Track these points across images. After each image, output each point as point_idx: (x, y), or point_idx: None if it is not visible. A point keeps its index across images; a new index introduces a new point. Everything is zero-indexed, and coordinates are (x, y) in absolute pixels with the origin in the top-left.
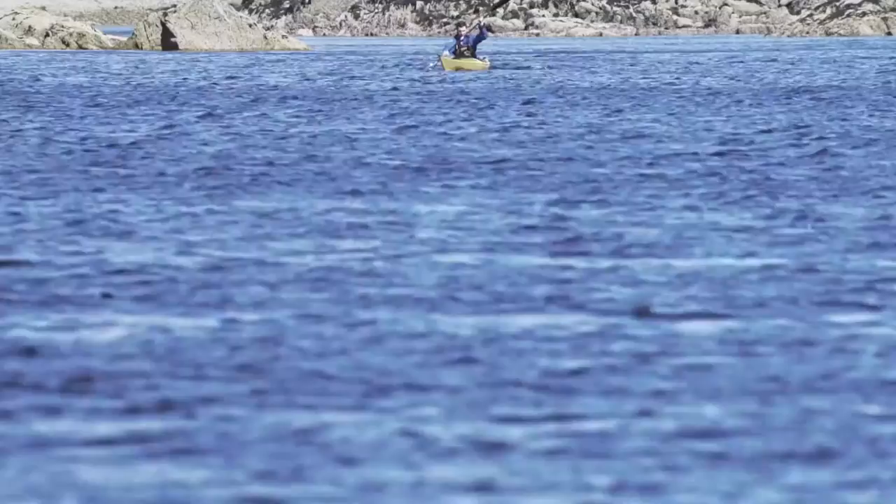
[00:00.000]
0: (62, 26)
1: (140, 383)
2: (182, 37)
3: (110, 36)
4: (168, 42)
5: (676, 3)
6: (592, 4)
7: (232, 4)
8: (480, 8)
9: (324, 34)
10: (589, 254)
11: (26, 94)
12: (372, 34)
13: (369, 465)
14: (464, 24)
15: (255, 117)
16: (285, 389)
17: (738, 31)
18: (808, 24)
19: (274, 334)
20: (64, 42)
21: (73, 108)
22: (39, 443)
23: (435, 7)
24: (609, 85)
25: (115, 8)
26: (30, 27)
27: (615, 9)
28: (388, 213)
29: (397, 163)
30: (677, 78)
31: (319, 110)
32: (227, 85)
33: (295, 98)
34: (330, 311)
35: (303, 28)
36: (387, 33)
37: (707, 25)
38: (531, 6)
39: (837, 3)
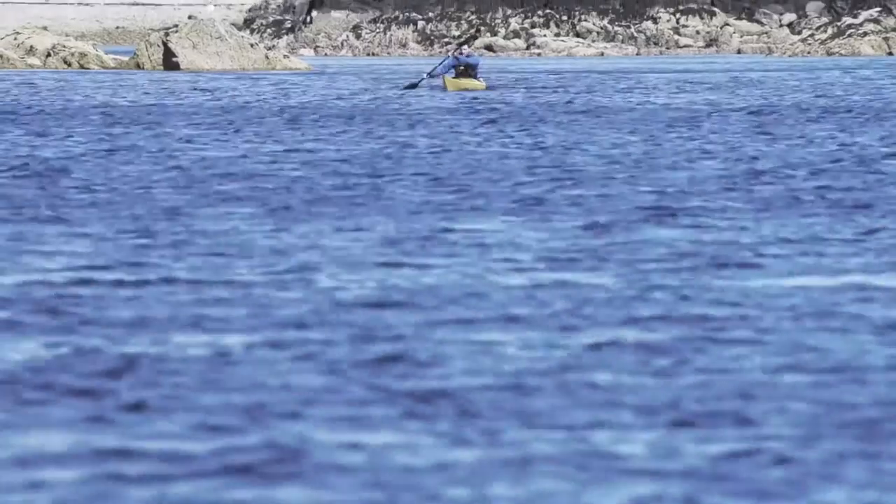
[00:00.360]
0: (64, 46)
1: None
2: (184, 56)
3: (112, 56)
4: (169, 62)
5: (678, 23)
6: (594, 24)
7: (233, 24)
8: (482, 28)
9: (325, 54)
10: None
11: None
12: (373, 54)
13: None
14: (465, 44)
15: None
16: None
17: (739, 51)
18: (810, 45)
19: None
20: (66, 62)
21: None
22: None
23: (436, 27)
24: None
25: (117, 28)
26: (31, 47)
27: (616, 29)
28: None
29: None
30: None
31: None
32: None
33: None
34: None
35: (304, 48)
36: (388, 53)
37: (708, 45)
38: (532, 26)
39: (839, 24)
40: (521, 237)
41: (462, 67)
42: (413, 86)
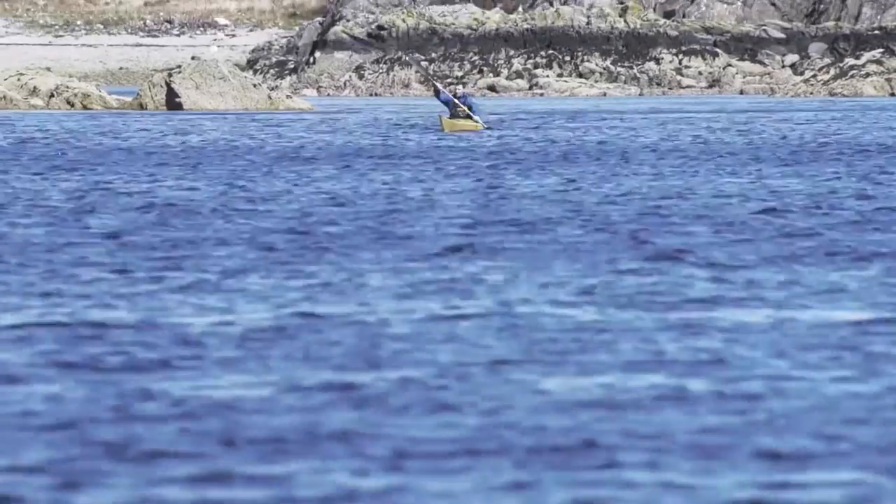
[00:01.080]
0: (67, 87)
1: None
2: (187, 97)
3: (115, 96)
4: (172, 102)
5: (680, 63)
6: (596, 65)
7: (237, 65)
8: (485, 68)
9: (328, 94)
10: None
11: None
12: (376, 94)
13: None
14: (461, 84)
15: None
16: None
17: (741, 92)
18: (812, 85)
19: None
20: (69, 102)
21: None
22: None
23: (439, 67)
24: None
25: (120, 69)
26: (34, 88)
27: (619, 69)
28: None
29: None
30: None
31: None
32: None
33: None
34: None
35: (307, 88)
36: (391, 93)
37: (711, 86)
38: (535, 67)
39: (841, 65)
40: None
41: (460, 108)
42: (425, 74)
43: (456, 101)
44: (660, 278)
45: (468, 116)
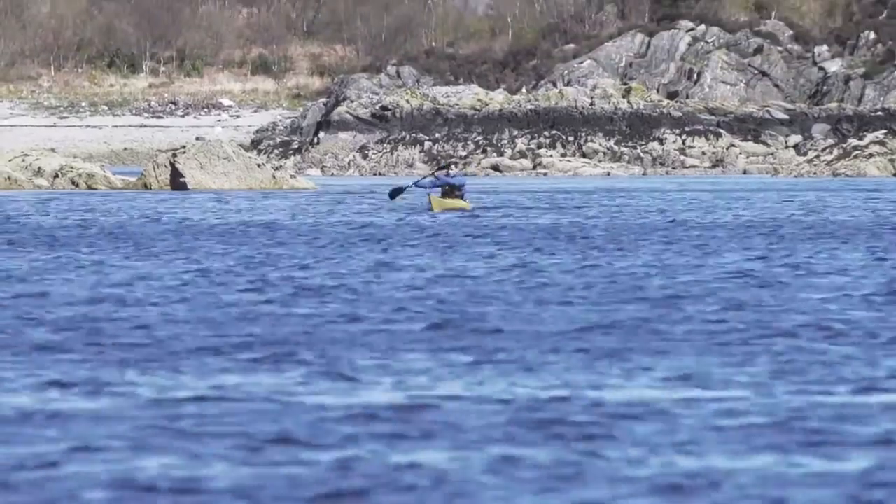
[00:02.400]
0: (71, 167)
1: None
2: (191, 177)
3: (119, 176)
4: (177, 182)
5: (684, 143)
6: (600, 145)
7: (241, 145)
8: (488, 148)
9: (332, 174)
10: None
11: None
12: (380, 174)
13: None
14: (452, 164)
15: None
16: None
17: (745, 172)
18: (816, 165)
19: None
20: (73, 182)
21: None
22: None
23: (443, 147)
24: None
25: (125, 149)
26: (39, 168)
27: (623, 149)
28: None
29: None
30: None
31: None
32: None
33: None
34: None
35: (311, 168)
36: (395, 173)
37: (714, 166)
38: (539, 146)
39: (844, 145)
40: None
41: (448, 188)
42: (399, 190)
43: (449, 182)
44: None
45: (459, 196)
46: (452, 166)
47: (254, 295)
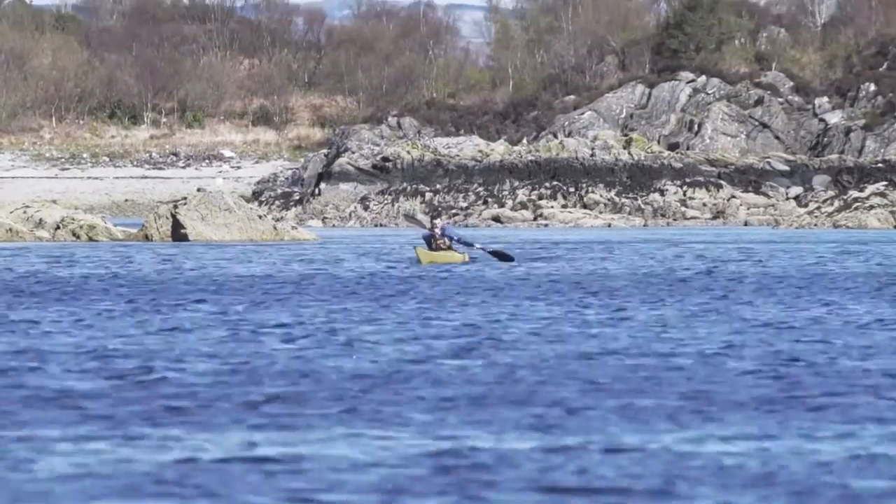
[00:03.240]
0: (73, 219)
1: None
2: (192, 228)
3: (120, 228)
4: (178, 233)
5: (685, 195)
6: (601, 196)
7: (242, 196)
8: (489, 199)
9: (333, 225)
10: None
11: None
12: (381, 225)
13: None
14: (440, 215)
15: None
16: None
17: (746, 223)
18: (816, 217)
19: None
20: (74, 234)
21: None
22: None
23: (444, 198)
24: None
25: (126, 200)
26: (40, 220)
27: (624, 200)
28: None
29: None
30: None
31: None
32: None
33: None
34: None
35: (312, 219)
36: (396, 224)
37: (715, 217)
38: (540, 197)
39: (845, 197)
40: None
41: (440, 240)
42: (412, 219)
43: (434, 233)
44: None
45: (449, 248)
46: (438, 219)
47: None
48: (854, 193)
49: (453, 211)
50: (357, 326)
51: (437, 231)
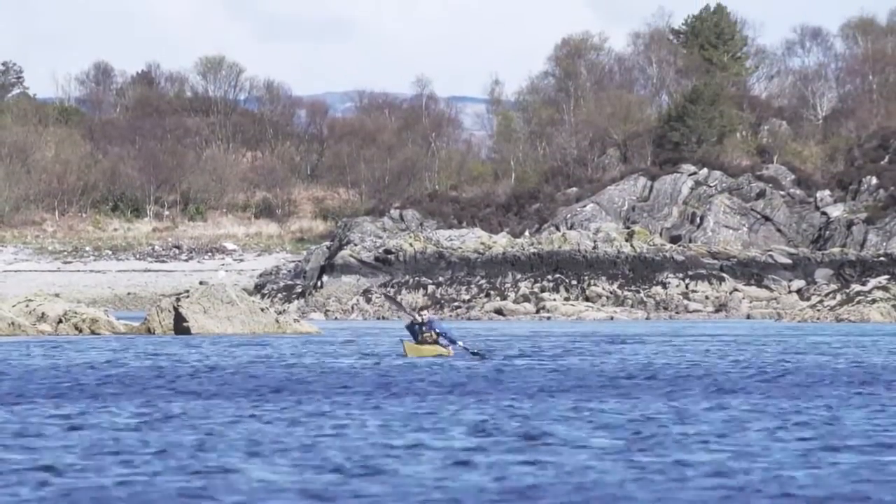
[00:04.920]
0: (75, 312)
1: None
2: (194, 321)
3: (123, 321)
4: (180, 326)
5: (687, 288)
6: (603, 289)
7: (244, 289)
8: (491, 292)
9: (335, 318)
10: None
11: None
12: (384, 318)
13: None
14: (426, 308)
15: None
16: None
17: (748, 317)
18: (819, 310)
19: None
20: (77, 328)
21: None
22: None
23: (447, 291)
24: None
25: (129, 294)
26: (43, 314)
27: (626, 293)
28: None
29: None
30: None
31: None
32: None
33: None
34: None
35: (315, 311)
36: (398, 316)
37: (717, 310)
38: (542, 290)
39: (847, 290)
40: None
41: (426, 333)
42: (392, 300)
43: (422, 327)
44: None
45: (435, 342)
46: (425, 311)
47: None
48: (856, 287)
49: (455, 303)
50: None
51: (423, 318)
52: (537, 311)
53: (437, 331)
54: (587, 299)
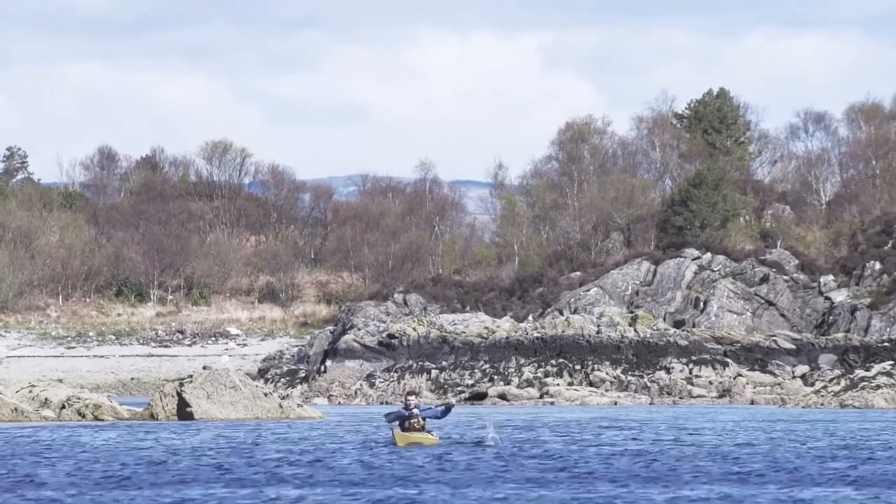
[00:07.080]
0: (78, 398)
1: None
2: (198, 406)
3: (126, 406)
4: (184, 412)
5: (690, 373)
6: (607, 374)
7: (248, 374)
8: (495, 377)
9: (339, 402)
10: None
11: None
12: (387, 402)
13: None
14: (414, 393)
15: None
16: None
17: (752, 402)
18: (823, 396)
19: None
20: (80, 413)
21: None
22: None
23: (450, 376)
24: None
25: (132, 379)
26: (46, 399)
27: (629, 378)
28: None
29: None
30: None
31: None
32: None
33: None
34: None
35: (318, 396)
36: (401, 401)
37: (721, 396)
38: (546, 375)
39: (851, 376)
40: None
41: (413, 420)
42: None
43: (410, 412)
44: None
45: (423, 427)
46: (412, 395)
47: None
48: (860, 373)
49: (459, 388)
50: None
51: (411, 405)
52: (541, 396)
53: (425, 417)
54: (591, 384)
